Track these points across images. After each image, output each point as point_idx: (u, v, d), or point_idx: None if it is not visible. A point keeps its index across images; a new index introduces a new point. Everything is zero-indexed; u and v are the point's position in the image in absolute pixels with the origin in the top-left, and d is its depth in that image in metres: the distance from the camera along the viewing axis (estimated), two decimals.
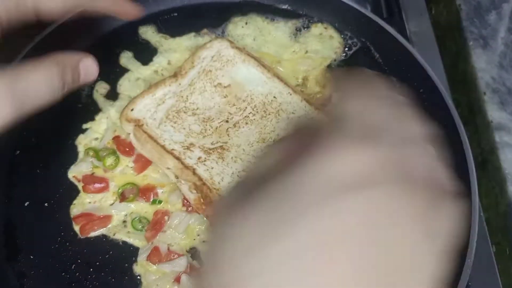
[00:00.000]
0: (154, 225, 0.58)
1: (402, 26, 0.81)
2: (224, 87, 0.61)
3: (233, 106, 0.60)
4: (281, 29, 0.73)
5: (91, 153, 0.61)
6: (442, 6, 0.92)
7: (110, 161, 0.61)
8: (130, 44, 0.71)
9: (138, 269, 0.56)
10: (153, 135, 0.57)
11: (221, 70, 0.62)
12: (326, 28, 0.74)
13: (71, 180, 0.61)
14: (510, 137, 0.74)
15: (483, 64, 0.80)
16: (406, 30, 0.82)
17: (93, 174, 0.61)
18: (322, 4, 0.74)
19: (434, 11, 0.95)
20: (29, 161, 0.63)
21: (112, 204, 0.60)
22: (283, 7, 0.76)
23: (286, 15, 0.75)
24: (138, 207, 0.59)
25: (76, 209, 0.59)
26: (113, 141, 0.62)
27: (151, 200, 0.59)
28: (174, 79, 0.62)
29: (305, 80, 0.69)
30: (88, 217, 0.59)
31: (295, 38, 0.73)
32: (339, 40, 0.73)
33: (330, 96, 0.28)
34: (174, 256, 0.56)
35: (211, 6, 0.76)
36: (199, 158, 0.56)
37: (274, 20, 0.74)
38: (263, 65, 0.63)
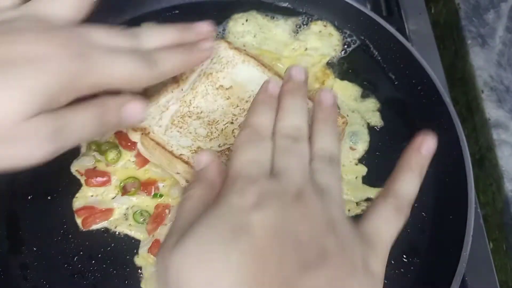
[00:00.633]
0: (155, 218, 0.59)
1: (401, 24, 0.81)
2: (226, 89, 0.61)
3: (236, 107, 0.59)
4: (281, 26, 0.74)
5: (94, 147, 0.62)
6: (442, 5, 0.93)
7: (112, 155, 0.61)
8: None
9: (139, 261, 0.57)
10: (160, 142, 0.56)
11: (221, 72, 0.62)
12: (325, 25, 0.74)
13: (74, 174, 0.62)
14: (507, 134, 0.74)
15: (481, 62, 0.81)
16: (405, 29, 0.83)
17: (95, 168, 0.61)
18: (322, 2, 0.75)
19: (433, 10, 0.95)
20: None
21: (114, 197, 0.60)
22: (284, 5, 0.77)
23: (286, 13, 0.76)
24: (139, 201, 0.60)
25: (78, 202, 0.60)
26: (115, 135, 0.62)
27: (152, 194, 0.60)
28: (175, 85, 0.61)
29: None
30: (90, 210, 0.59)
31: (295, 36, 0.74)
32: (338, 37, 0.74)
33: None
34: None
35: (212, 4, 0.77)
36: None
37: (274, 17, 0.75)
38: (263, 64, 0.62)
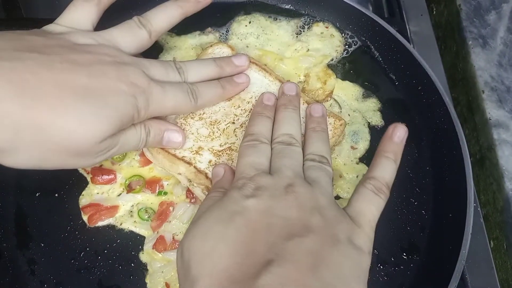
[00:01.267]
0: (160, 215, 0.60)
1: (403, 26, 0.82)
2: None
3: (238, 108, 0.60)
4: (283, 28, 0.75)
5: None
6: (443, 6, 0.93)
7: None
8: None
9: (144, 257, 0.58)
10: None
11: None
12: (327, 27, 0.75)
13: (80, 172, 0.63)
14: (507, 134, 0.75)
15: (482, 63, 0.81)
16: (407, 30, 0.83)
17: (101, 166, 0.63)
18: (324, 3, 0.76)
19: (435, 11, 0.96)
20: None
21: (119, 195, 0.62)
22: (286, 7, 0.78)
23: (289, 14, 0.77)
24: (144, 198, 0.61)
25: (84, 199, 0.61)
26: None
27: (157, 191, 0.61)
28: None
29: (306, 77, 0.70)
30: (96, 207, 0.60)
31: (297, 37, 0.75)
32: (340, 38, 0.75)
33: None
34: (178, 244, 0.57)
35: (216, 5, 0.78)
36: (210, 161, 0.56)
37: (277, 19, 0.76)
38: (264, 69, 0.63)
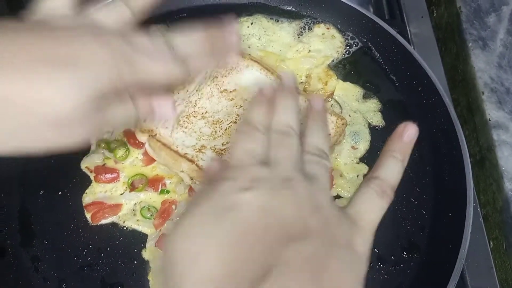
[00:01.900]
0: (162, 213, 0.60)
1: (403, 27, 0.83)
2: (230, 92, 0.63)
3: (240, 107, 0.61)
4: (285, 29, 0.76)
5: (103, 145, 0.64)
6: (443, 8, 0.94)
7: (120, 152, 0.63)
8: None
9: (146, 255, 0.59)
10: (166, 143, 0.58)
11: (226, 77, 0.63)
12: (328, 28, 0.76)
13: (84, 170, 0.64)
14: (507, 135, 0.75)
15: (482, 64, 0.81)
16: (407, 32, 0.84)
17: (104, 165, 0.63)
18: (325, 5, 0.77)
19: (435, 13, 0.96)
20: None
21: (122, 193, 0.62)
22: (288, 8, 0.79)
23: (291, 16, 0.78)
24: (147, 197, 0.62)
25: (88, 197, 0.62)
26: (123, 133, 0.64)
27: (159, 190, 0.62)
28: (181, 86, 0.62)
29: (308, 77, 0.71)
30: (99, 205, 0.61)
31: (299, 38, 0.75)
32: (341, 40, 0.76)
33: None
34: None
35: (218, 7, 0.79)
36: (212, 159, 0.57)
37: (278, 20, 0.77)
38: (266, 68, 0.64)
